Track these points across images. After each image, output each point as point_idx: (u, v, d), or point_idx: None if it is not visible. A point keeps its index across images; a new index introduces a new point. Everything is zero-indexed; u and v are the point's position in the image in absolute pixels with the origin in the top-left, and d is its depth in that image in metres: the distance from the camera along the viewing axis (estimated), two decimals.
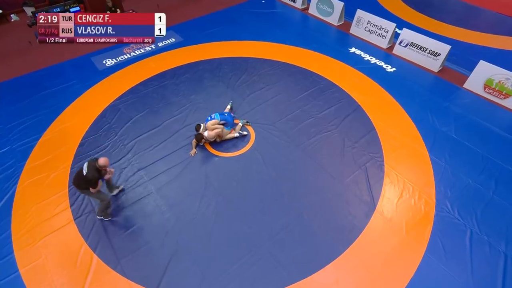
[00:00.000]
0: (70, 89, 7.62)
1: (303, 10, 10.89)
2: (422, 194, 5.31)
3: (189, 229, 4.91)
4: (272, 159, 5.91)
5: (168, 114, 6.93)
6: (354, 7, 9.70)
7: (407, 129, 6.41)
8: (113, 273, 4.42)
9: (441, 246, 4.66)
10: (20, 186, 5.54)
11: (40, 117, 6.85)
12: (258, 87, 7.57)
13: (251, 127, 6.56)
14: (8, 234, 4.85)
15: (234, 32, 9.62)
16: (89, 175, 4.51)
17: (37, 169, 5.81)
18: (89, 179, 4.52)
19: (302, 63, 8.27)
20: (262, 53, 8.66)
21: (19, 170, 5.77)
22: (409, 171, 5.66)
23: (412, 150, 6.00)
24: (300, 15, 10.69)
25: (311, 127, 6.52)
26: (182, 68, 8.25)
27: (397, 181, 5.51)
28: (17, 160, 5.96)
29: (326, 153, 5.99)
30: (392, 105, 6.99)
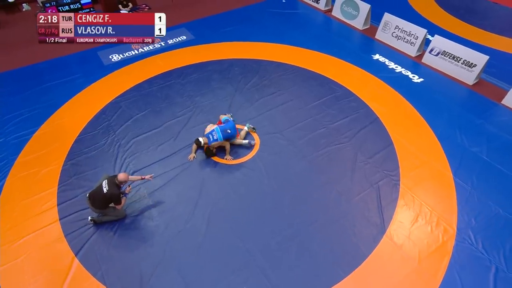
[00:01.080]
0: (73, 83, 7.89)
1: (326, 12, 10.92)
2: (441, 220, 5.10)
3: (178, 238, 4.90)
4: (275, 169, 5.86)
5: (170, 115, 7.03)
6: (382, 10, 9.64)
7: (430, 147, 6.22)
8: (92, 280, 4.45)
9: (459, 282, 4.43)
10: (10, 180, 5.73)
11: (38, 110, 7.12)
12: (269, 91, 7.59)
13: (256, 134, 6.54)
14: None
15: (250, 32, 9.73)
16: (109, 192, 4.67)
17: (29, 164, 6.00)
18: (111, 197, 4.69)
19: (319, 69, 8.23)
20: (276, 56, 8.70)
21: (10, 164, 5.98)
22: (428, 194, 5.46)
23: (433, 171, 5.80)
24: (322, 17, 10.73)
25: (321, 138, 6.44)
26: (191, 67, 8.39)
27: (413, 204, 5.32)
28: (9, 153, 6.18)
29: (335, 167, 5.89)
30: (415, 119, 6.82)
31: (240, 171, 5.86)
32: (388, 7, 10.13)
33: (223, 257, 4.68)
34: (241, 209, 5.28)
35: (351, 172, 5.79)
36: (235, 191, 5.52)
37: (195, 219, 5.14)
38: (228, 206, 5.32)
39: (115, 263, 4.64)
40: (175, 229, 5.03)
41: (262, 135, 6.52)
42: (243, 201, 5.39)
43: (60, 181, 5.74)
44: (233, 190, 5.54)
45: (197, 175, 5.80)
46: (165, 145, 6.35)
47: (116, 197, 4.74)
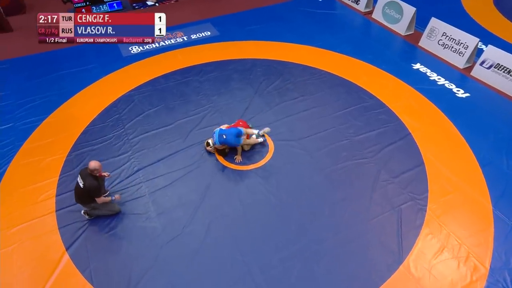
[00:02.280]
0: (88, 72, 8.30)
1: (366, 14, 10.84)
2: (471, 256, 4.83)
3: (174, 243, 4.97)
4: (287, 180, 5.83)
5: (183, 113, 7.21)
6: (429, 14, 9.41)
7: (468, 171, 5.94)
8: (79, 277, 4.59)
9: None
10: (12, 166, 6.08)
11: (50, 98, 7.53)
12: (291, 96, 7.60)
13: (270, 140, 6.55)
14: None
15: (278, 31, 9.84)
16: (87, 184, 4.77)
17: (34, 151, 6.34)
18: (89, 189, 4.77)
19: (349, 75, 8.15)
20: (304, 58, 8.72)
21: (16, 150, 6.35)
22: (459, 224, 5.20)
23: (469, 199, 5.54)
24: (361, 20, 10.67)
25: (342, 150, 6.34)
26: (211, 65, 8.58)
27: (439, 233, 5.08)
28: (16, 139, 6.57)
29: (354, 184, 5.77)
30: (454, 139, 6.56)
31: (248, 178, 5.87)
32: (437, 11, 9.86)
33: (218, 268, 4.69)
34: (244, 219, 5.28)
35: (371, 191, 5.64)
36: (241, 199, 5.54)
37: (195, 224, 5.20)
38: (231, 214, 5.34)
39: (105, 263, 4.76)
40: (172, 233, 5.10)
41: (278, 142, 6.52)
42: (248, 210, 5.39)
43: (63, 171, 6.01)
44: (239, 198, 5.56)
45: (203, 178, 5.87)
46: (174, 144, 6.50)
47: (95, 188, 4.79)
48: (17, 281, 4.59)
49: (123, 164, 6.14)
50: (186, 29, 10.01)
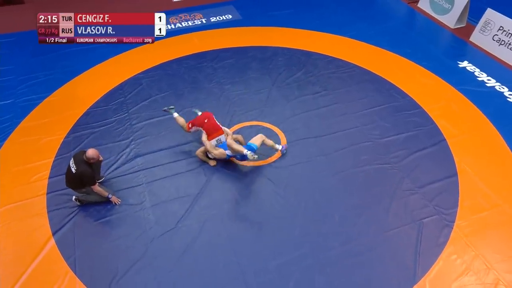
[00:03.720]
0: (97, 51, 8.64)
1: (411, 2, 10.72)
2: (501, 284, 4.68)
3: (165, 238, 5.11)
4: (296, 180, 5.86)
5: (192, 100, 7.38)
6: (486, 4, 9.14)
7: (511, 189, 5.75)
8: (63, 264, 4.81)
9: None
10: (8, 143, 6.44)
11: (55, 75, 7.92)
12: (312, 90, 7.61)
13: (283, 136, 6.60)
14: None
15: (307, 18, 9.87)
16: (79, 171, 4.99)
17: (31, 130, 6.69)
18: (81, 176, 4.99)
19: (381, 71, 8.07)
20: (332, 49, 8.71)
21: (13, 127, 6.72)
22: (490, 246, 5.05)
23: (507, 219, 5.36)
24: (405, 9, 10.57)
25: (363, 153, 6.29)
26: (228, 51, 8.73)
27: (465, 254, 4.95)
28: (15, 116, 6.95)
29: (372, 190, 5.72)
30: (498, 150, 6.37)
31: (254, 175, 5.94)
32: (495, 1, 9.55)
33: (209, 268, 4.78)
34: (244, 219, 5.36)
35: (390, 200, 5.57)
36: (243, 197, 5.63)
37: (190, 219, 5.32)
38: (230, 212, 5.43)
39: (91, 251, 4.97)
40: (165, 227, 5.24)
41: (292, 138, 6.56)
42: (249, 210, 5.47)
43: (59, 153, 6.30)
44: (241, 196, 5.64)
45: (205, 171, 5.99)
46: (179, 133, 6.65)
47: (88, 176, 5.00)
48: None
49: (122, 150, 6.37)
50: (206, 11, 10.22)
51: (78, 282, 4.64)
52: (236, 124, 6.85)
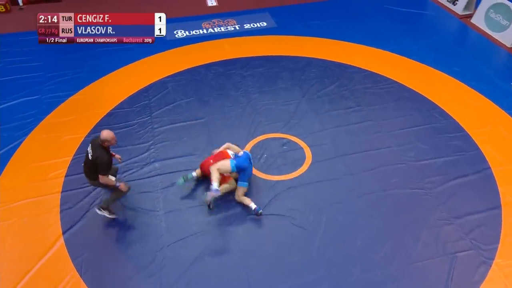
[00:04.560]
0: (127, 53, 8.99)
1: (464, 17, 10.56)
2: None
3: (175, 247, 5.18)
4: (318, 199, 5.82)
5: (217, 108, 7.52)
6: None
7: None
8: (69, 264, 4.98)
9: None
10: (29, 139, 6.77)
11: (83, 74, 8.30)
12: (344, 105, 7.58)
13: (309, 151, 6.59)
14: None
15: (346, 29, 9.92)
16: (94, 156, 4.88)
17: (54, 127, 7.01)
18: (95, 161, 4.86)
19: (423, 89, 7.95)
20: (371, 63, 8.68)
21: (36, 123, 7.07)
22: None
23: None
24: (456, 24, 10.46)
25: (394, 175, 6.18)
26: (259, 59, 8.86)
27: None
28: (39, 112, 7.31)
29: (401, 216, 5.60)
30: None
31: (274, 190, 5.97)
32: None
33: (216, 281, 4.81)
34: (259, 234, 5.38)
35: (421, 228, 5.43)
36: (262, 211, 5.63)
37: (203, 230, 5.39)
38: (245, 226, 5.47)
39: (98, 254, 5.11)
40: (176, 236, 5.33)
41: (318, 154, 6.54)
42: (265, 225, 5.49)
43: (77, 152, 6.56)
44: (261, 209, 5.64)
45: None
46: (200, 140, 6.79)
47: (103, 162, 4.87)
48: (7, 258, 5.08)
49: (141, 154, 6.55)
50: (240, 17, 10.44)
51: (82, 285, 4.78)
52: (260, 135, 6.91)
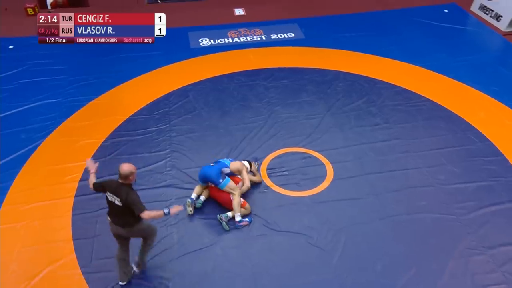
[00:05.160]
0: (149, 59, 9.25)
1: (508, 34, 10.39)
2: None
3: (184, 259, 5.22)
4: (338, 218, 5.78)
5: (238, 119, 7.61)
6: None
7: None
8: (77, 271, 5.08)
9: None
10: (47, 141, 7.02)
11: (104, 79, 8.56)
12: (371, 121, 7.53)
13: (331, 167, 6.55)
14: (7, 186, 6.19)
15: (378, 43, 9.92)
16: (125, 199, 4.27)
17: (72, 131, 7.24)
18: (129, 203, 4.27)
19: (458, 108, 7.82)
20: (402, 79, 8.62)
21: (55, 126, 7.33)
22: None
23: None
24: (499, 41, 10.30)
25: (422, 198, 6.06)
26: (284, 71, 8.94)
27: None
28: (59, 115, 7.58)
29: (427, 242, 5.48)
30: None
31: (292, 205, 5.97)
32: None
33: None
34: (272, 251, 5.36)
35: (448, 257, 5.29)
36: (275, 228, 5.65)
37: (214, 244, 5.42)
38: (259, 242, 5.47)
39: (107, 263, 5.18)
40: (186, 248, 5.37)
41: (340, 171, 6.50)
42: (280, 242, 5.48)
43: (94, 156, 6.73)
44: (273, 226, 5.68)
45: None
46: (218, 151, 6.87)
47: (136, 197, 4.30)
48: (16, 261, 5.23)
49: (157, 162, 6.67)
50: (267, 27, 10.58)
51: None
52: (280, 148, 6.94)
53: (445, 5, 11.65)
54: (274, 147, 6.96)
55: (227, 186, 5.69)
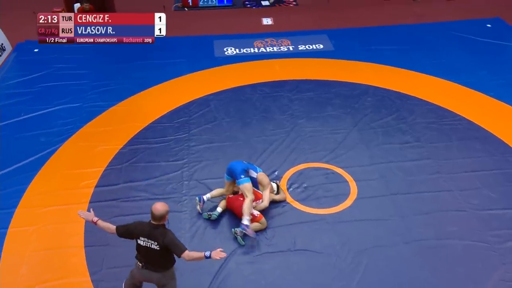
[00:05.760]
0: (173, 67, 9.55)
1: None
2: None
3: (194, 273, 5.27)
4: (359, 239, 5.74)
5: (259, 130, 7.73)
6: None
7: None
8: (86, 278, 5.22)
9: None
10: (66, 146, 7.30)
11: (125, 86, 8.88)
12: (400, 139, 7.51)
13: (355, 185, 6.54)
14: (23, 188, 6.45)
15: (413, 58, 9.93)
16: (164, 242, 4.08)
17: (91, 136, 7.51)
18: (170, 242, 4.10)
19: (497, 129, 7.70)
20: (436, 96, 8.58)
21: (74, 130, 7.62)
22: None
23: None
24: None
25: (452, 223, 5.96)
26: (310, 83, 9.04)
27: None
28: (78, 120, 7.88)
29: (455, 271, 5.35)
30: None
31: (311, 223, 5.99)
32: None
33: None
34: (289, 269, 5.36)
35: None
36: (292, 244, 5.66)
37: (228, 259, 5.44)
38: (275, 259, 5.48)
39: (117, 272, 5.26)
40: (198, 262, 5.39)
41: (364, 190, 6.49)
42: (297, 261, 5.47)
43: (111, 163, 6.97)
44: (290, 242, 5.69)
45: None
46: None
47: (175, 238, 4.16)
48: (26, 264, 5.41)
49: (174, 171, 6.82)
50: (295, 38, 10.74)
51: None
52: (302, 163, 6.99)
53: (488, 19, 11.56)
54: (296, 161, 7.01)
55: (244, 185, 5.76)
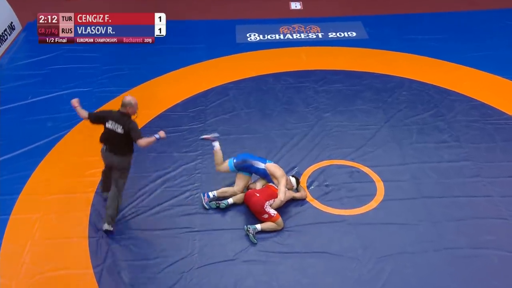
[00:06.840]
0: (192, 52, 9.78)
1: None
2: None
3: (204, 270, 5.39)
4: (384, 244, 5.77)
5: (280, 123, 7.85)
6: None
7: None
8: (89, 270, 5.40)
9: None
10: (74, 131, 7.57)
11: (140, 70, 9.13)
12: (437, 138, 7.51)
13: (382, 186, 6.58)
14: (28, 174, 6.74)
15: (457, 48, 9.90)
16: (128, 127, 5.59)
17: None
18: (132, 128, 5.57)
19: None
20: (482, 92, 8.52)
21: None
22: None
23: None
24: None
25: (489, 232, 5.92)
26: (339, 74, 9.10)
27: None
28: (88, 106, 7.92)
29: (489, 283, 5.31)
30: None
31: (332, 223, 6.05)
32: None
33: None
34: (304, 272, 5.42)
35: None
36: (311, 246, 5.74)
37: (238, 258, 5.58)
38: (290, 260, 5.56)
39: (121, 265, 5.50)
40: (208, 258, 5.55)
41: (392, 191, 6.52)
42: (313, 264, 5.54)
43: None
44: (309, 243, 5.77)
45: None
46: None
47: (136, 125, 5.63)
48: (28, 253, 5.65)
49: (187, 163, 7.00)
50: (325, 24, 10.81)
51: None
52: (325, 159, 7.06)
53: None
54: (318, 157, 7.09)
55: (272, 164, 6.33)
